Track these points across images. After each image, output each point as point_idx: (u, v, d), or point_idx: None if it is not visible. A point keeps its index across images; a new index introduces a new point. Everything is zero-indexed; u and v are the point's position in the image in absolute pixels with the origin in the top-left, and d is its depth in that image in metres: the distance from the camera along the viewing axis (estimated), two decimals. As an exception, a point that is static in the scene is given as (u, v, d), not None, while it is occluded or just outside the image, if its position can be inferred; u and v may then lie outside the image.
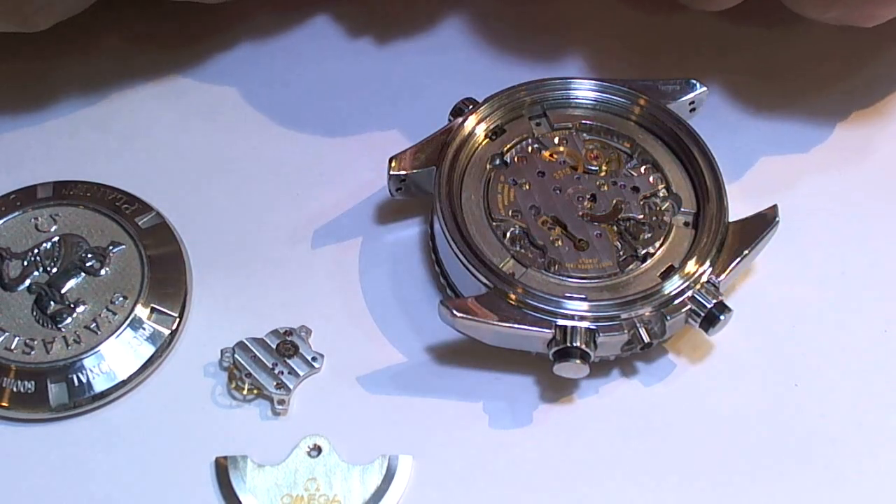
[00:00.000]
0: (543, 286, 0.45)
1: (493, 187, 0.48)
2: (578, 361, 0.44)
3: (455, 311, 0.44)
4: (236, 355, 0.46)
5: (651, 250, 0.46)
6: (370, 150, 0.52)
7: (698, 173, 0.48)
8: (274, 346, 0.47)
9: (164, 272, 0.48)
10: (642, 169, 0.49)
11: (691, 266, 0.45)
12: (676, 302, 0.45)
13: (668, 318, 0.45)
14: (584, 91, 0.50)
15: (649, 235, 0.47)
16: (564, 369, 0.44)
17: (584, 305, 0.44)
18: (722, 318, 0.45)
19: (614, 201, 0.48)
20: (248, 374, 0.46)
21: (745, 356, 0.48)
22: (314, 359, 0.47)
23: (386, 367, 0.47)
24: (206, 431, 0.46)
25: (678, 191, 0.48)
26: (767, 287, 0.49)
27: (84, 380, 0.46)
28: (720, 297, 0.45)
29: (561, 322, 0.44)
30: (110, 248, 0.48)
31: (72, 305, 0.47)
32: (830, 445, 0.46)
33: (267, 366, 0.46)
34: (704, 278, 0.45)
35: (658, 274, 0.46)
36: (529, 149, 0.49)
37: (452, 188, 0.47)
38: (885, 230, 0.51)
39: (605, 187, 0.48)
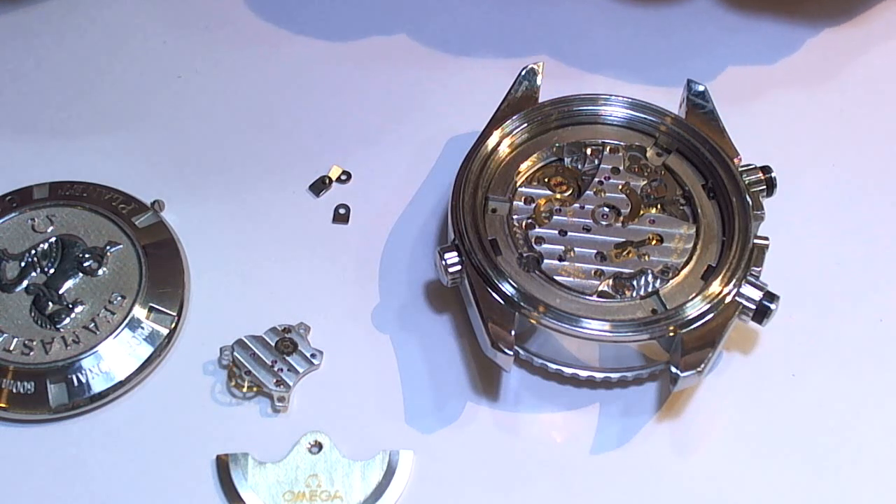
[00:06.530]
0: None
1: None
2: None
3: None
4: (235, 353, 0.46)
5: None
6: (362, 144, 0.53)
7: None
8: (273, 344, 0.47)
9: (162, 271, 0.48)
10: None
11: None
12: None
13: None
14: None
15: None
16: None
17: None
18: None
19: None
20: (248, 372, 0.46)
21: (741, 347, 0.48)
22: (313, 355, 0.47)
23: (385, 362, 0.47)
24: (207, 429, 0.46)
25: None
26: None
27: (83, 380, 0.46)
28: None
29: None
30: (107, 247, 0.48)
31: (70, 306, 0.47)
32: (828, 435, 0.46)
33: (266, 363, 0.46)
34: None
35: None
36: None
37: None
38: (880, 222, 0.51)
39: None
